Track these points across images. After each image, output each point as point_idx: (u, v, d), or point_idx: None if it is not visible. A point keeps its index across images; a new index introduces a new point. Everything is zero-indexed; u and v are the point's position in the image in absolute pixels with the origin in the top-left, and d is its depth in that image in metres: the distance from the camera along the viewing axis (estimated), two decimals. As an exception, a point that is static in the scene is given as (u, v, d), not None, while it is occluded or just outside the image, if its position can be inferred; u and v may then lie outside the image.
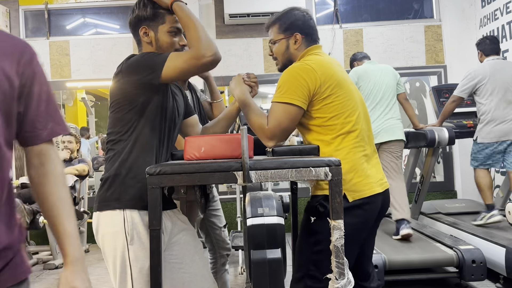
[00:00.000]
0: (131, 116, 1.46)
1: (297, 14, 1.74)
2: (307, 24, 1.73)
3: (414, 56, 5.25)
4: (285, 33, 1.73)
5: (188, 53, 1.41)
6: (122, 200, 1.42)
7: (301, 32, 1.72)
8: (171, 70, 1.39)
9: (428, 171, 4.24)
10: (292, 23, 1.73)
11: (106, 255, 1.47)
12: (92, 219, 1.52)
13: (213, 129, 1.76)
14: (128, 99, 1.45)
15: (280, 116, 1.57)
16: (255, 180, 1.25)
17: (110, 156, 1.48)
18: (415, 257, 2.98)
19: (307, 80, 1.55)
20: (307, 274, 1.59)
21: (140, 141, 1.46)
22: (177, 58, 1.40)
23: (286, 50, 1.75)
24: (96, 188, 6.26)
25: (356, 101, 1.65)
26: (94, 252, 4.82)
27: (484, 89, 3.51)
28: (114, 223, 1.42)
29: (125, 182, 1.43)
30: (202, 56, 1.38)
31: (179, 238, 1.57)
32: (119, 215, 1.41)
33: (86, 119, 7.42)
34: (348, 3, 5.47)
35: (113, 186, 1.44)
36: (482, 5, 4.95)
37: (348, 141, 1.59)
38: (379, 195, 1.62)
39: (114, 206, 1.42)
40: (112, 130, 1.50)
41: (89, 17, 5.51)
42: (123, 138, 1.47)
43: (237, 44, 5.19)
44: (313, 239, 1.58)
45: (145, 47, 1.57)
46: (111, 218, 1.42)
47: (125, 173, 1.44)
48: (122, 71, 1.47)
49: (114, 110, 1.49)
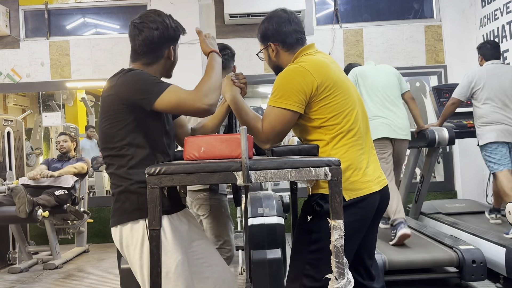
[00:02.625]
0: (125, 133, 1.47)
1: (268, 23, 1.73)
2: (278, 30, 1.71)
3: (414, 56, 5.25)
4: (263, 44, 1.78)
5: (188, 92, 1.42)
6: (142, 209, 1.44)
7: (275, 41, 1.73)
8: (165, 102, 1.40)
9: (428, 171, 4.24)
10: (264, 34, 1.75)
11: (134, 265, 1.51)
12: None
13: (203, 130, 1.78)
14: (119, 116, 1.47)
15: (274, 120, 1.57)
16: (254, 180, 1.25)
17: (113, 171, 1.51)
18: (415, 257, 2.98)
19: (302, 84, 1.55)
20: (303, 273, 1.59)
21: (140, 153, 1.49)
22: (174, 93, 1.41)
23: (270, 60, 1.79)
24: (96, 188, 6.26)
25: (354, 99, 1.64)
26: (94, 252, 4.82)
27: (480, 93, 3.51)
28: (137, 233, 1.47)
29: (138, 192, 1.47)
30: (199, 100, 1.40)
31: (197, 238, 1.66)
32: (141, 224, 1.46)
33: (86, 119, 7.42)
34: (348, 3, 5.47)
35: (129, 198, 1.48)
36: (482, 5, 4.95)
37: (346, 140, 1.59)
38: (376, 193, 1.62)
39: (135, 216, 1.47)
40: (107, 146, 1.51)
41: (89, 17, 5.51)
42: (120, 153, 1.49)
43: (237, 44, 5.19)
44: (310, 238, 1.59)
45: (160, 63, 1.60)
46: (133, 228, 1.47)
47: (137, 184, 1.47)
48: (117, 86, 1.46)
49: (106, 126, 1.50)
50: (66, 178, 4.22)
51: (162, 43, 1.55)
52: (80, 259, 4.55)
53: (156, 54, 1.57)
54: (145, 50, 1.55)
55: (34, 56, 5.26)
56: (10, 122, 4.64)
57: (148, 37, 1.53)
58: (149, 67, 1.57)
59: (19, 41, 5.26)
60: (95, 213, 5.11)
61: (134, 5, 5.39)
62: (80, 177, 4.49)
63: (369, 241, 1.75)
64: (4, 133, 4.47)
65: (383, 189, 1.67)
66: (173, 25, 1.57)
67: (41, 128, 6.85)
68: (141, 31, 1.53)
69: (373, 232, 1.77)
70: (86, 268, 4.17)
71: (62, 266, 4.23)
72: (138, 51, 1.56)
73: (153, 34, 1.52)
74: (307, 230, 1.60)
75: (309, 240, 1.58)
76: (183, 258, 1.49)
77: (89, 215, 4.72)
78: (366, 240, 1.71)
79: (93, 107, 7.12)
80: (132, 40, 1.57)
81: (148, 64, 1.57)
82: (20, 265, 4.16)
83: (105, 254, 4.65)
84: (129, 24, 1.59)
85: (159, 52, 1.57)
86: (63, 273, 4.02)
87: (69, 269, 4.17)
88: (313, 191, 1.61)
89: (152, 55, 1.56)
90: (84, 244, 4.84)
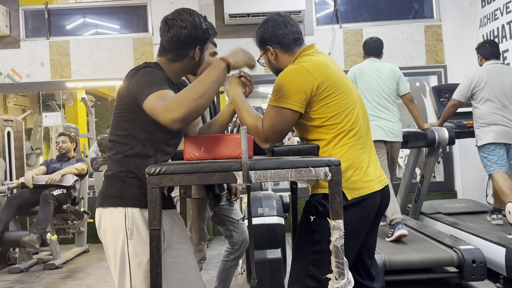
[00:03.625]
0: (130, 125, 1.49)
1: (264, 28, 1.74)
2: (275, 33, 1.72)
3: (414, 56, 5.25)
4: (261, 48, 1.79)
5: (163, 101, 1.34)
6: (124, 198, 1.47)
7: (272, 44, 1.73)
8: (146, 106, 1.37)
9: (428, 171, 4.24)
10: (261, 39, 1.76)
11: (108, 249, 1.53)
12: (94, 218, 1.56)
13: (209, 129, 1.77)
14: (127, 108, 1.49)
15: (275, 120, 1.58)
16: (254, 180, 1.25)
17: (111, 155, 1.54)
18: (415, 257, 2.98)
19: (302, 84, 1.56)
20: (307, 274, 1.58)
21: (139, 146, 1.49)
22: (153, 99, 1.35)
23: (270, 64, 1.80)
24: (96, 188, 6.26)
25: (354, 99, 1.65)
26: (94, 252, 4.82)
27: (480, 94, 3.52)
28: (115, 219, 1.48)
29: (126, 181, 1.48)
30: (163, 113, 1.31)
31: (176, 239, 1.62)
32: (121, 212, 1.47)
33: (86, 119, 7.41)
34: (348, 3, 5.47)
35: (115, 184, 1.49)
36: (482, 5, 4.95)
37: (347, 139, 1.59)
38: (377, 192, 1.62)
39: (116, 203, 1.48)
40: (113, 132, 1.55)
41: (89, 17, 5.51)
42: (123, 141, 1.51)
43: (237, 44, 5.19)
44: (313, 238, 1.58)
45: (185, 62, 1.59)
46: (113, 214, 1.48)
47: (126, 172, 1.48)
48: (130, 78, 1.48)
49: (117, 113, 1.53)
50: (67, 177, 4.24)
51: (189, 42, 1.56)
52: (80, 259, 4.55)
53: (181, 52, 1.57)
54: (172, 47, 1.56)
55: (34, 56, 5.26)
56: (10, 122, 4.64)
57: (175, 34, 1.53)
58: (173, 63, 1.59)
59: (19, 41, 5.26)
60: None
61: (134, 5, 5.40)
62: (80, 177, 4.50)
63: (369, 241, 1.75)
64: (4, 133, 4.47)
65: (384, 189, 1.67)
66: (204, 26, 1.57)
67: (41, 128, 6.85)
68: (171, 28, 1.54)
69: (374, 232, 1.77)
70: (86, 268, 4.17)
71: (62, 266, 4.24)
72: (165, 47, 1.58)
73: (181, 32, 1.53)
74: (309, 230, 1.60)
75: (312, 240, 1.58)
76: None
77: (89, 215, 4.72)
78: (366, 240, 1.71)
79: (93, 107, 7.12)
80: (161, 35, 1.59)
81: (172, 61, 1.59)
82: (20, 265, 4.16)
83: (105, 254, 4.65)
84: (161, 20, 1.60)
85: (185, 51, 1.57)
86: (63, 273, 4.02)
87: (69, 269, 4.17)
88: (314, 191, 1.61)
89: (177, 53, 1.57)
90: (84, 244, 4.84)
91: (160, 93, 1.38)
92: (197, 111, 1.33)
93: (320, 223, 1.54)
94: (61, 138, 4.58)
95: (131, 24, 5.46)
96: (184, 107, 1.30)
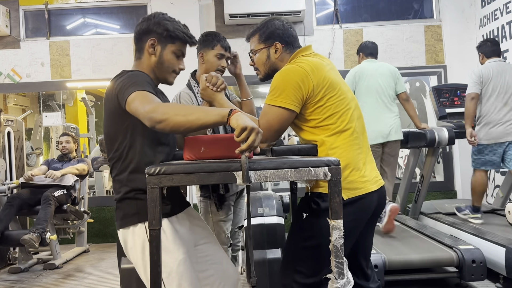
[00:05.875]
0: (125, 134, 1.51)
1: (277, 23, 1.76)
2: (287, 33, 1.75)
3: (414, 56, 5.25)
4: (266, 42, 1.76)
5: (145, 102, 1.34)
6: (141, 214, 1.50)
7: (281, 41, 1.75)
8: (131, 107, 1.37)
9: (428, 171, 4.24)
10: (272, 32, 1.75)
11: (138, 267, 1.55)
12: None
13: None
14: (117, 112, 1.49)
15: (272, 119, 1.58)
16: (254, 180, 1.25)
17: (114, 176, 1.57)
18: (415, 257, 2.98)
19: (300, 84, 1.56)
20: (295, 269, 1.61)
21: (138, 157, 1.51)
22: (143, 100, 1.35)
23: (268, 60, 1.78)
24: (96, 188, 6.27)
25: (348, 100, 1.66)
26: (94, 252, 4.82)
27: (484, 91, 3.54)
28: (138, 236, 1.51)
29: (138, 198, 1.52)
30: (155, 111, 1.29)
31: (199, 235, 1.69)
32: (141, 228, 1.51)
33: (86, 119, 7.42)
34: (348, 3, 5.47)
35: (130, 204, 1.53)
36: (482, 5, 4.95)
37: (342, 139, 1.60)
38: (374, 193, 1.63)
39: (135, 221, 1.52)
40: (111, 148, 1.56)
41: (89, 17, 5.51)
42: (122, 156, 1.53)
43: (237, 44, 5.18)
44: (303, 235, 1.60)
45: (146, 57, 1.61)
46: (134, 232, 1.52)
47: (135, 192, 1.52)
48: (116, 85, 1.49)
49: (107, 124, 1.54)
50: (67, 177, 4.24)
51: (143, 33, 1.60)
52: (80, 259, 4.55)
53: (140, 45, 1.62)
54: (135, 43, 1.63)
55: (34, 56, 5.27)
56: (10, 122, 4.64)
57: (136, 28, 1.63)
58: (140, 61, 1.63)
59: (19, 41, 5.27)
60: (95, 213, 5.11)
61: (134, 5, 5.40)
62: (81, 178, 4.50)
63: (365, 242, 1.76)
64: (4, 133, 4.48)
65: (380, 189, 1.68)
66: (156, 20, 1.59)
67: (41, 128, 6.85)
68: (136, 26, 1.64)
69: (370, 234, 1.78)
70: (86, 268, 4.17)
71: (62, 266, 4.24)
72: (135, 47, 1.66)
73: (141, 26, 1.61)
74: (301, 227, 1.62)
75: (303, 237, 1.60)
76: (184, 258, 1.50)
77: (89, 215, 4.72)
78: (362, 241, 1.72)
79: (93, 107, 7.12)
80: None
81: (138, 58, 1.63)
82: (20, 265, 4.16)
83: (105, 254, 4.66)
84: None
85: (141, 43, 1.61)
86: (63, 273, 4.02)
87: (69, 269, 4.17)
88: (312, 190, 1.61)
89: (137, 46, 1.63)
90: (84, 244, 4.84)
91: (144, 94, 1.39)
92: (176, 125, 1.29)
93: (312, 220, 1.57)
94: (65, 138, 4.58)
95: (131, 24, 5.46)
96: (169, 113, 1.29)
